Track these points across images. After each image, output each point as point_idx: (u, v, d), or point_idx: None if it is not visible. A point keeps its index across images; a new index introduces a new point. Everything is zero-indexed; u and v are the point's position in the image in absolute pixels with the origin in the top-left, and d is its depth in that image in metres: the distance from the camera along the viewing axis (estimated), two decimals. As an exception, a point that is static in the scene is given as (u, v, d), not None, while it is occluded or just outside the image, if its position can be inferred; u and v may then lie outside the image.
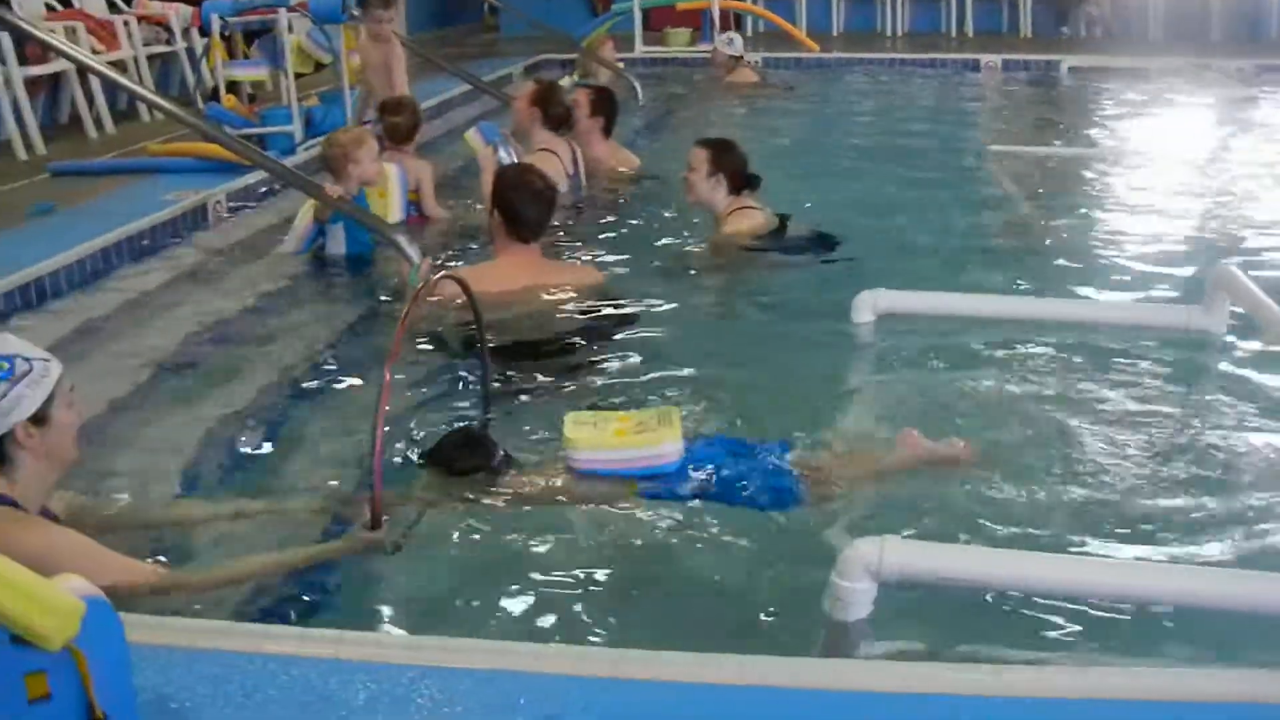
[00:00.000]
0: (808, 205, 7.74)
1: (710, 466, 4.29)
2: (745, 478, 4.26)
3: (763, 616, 3.68)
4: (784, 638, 3.57)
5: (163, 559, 3.88)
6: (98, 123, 11.83)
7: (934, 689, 2.88)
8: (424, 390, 5.38)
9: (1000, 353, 5.67)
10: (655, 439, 4.23)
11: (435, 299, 5.72)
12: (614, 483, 4.24)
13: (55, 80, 11.99)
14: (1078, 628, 3.51)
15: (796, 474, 4.30)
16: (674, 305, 6.44)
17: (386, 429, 3.87)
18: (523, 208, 6.13)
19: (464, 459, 4.36)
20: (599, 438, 4.27)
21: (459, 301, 5.26)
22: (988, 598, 3.61)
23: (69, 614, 2.48)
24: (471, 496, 4.24)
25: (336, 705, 2.82)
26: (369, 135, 7.57)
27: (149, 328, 6.42)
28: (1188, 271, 6.95)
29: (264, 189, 9.10)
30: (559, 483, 4.30)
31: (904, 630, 3.49)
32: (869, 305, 5.84)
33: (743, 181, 7.19)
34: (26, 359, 3.48)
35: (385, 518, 3.81)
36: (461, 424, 4.83)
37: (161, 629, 3.07)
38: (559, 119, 8.75)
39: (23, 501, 3.53)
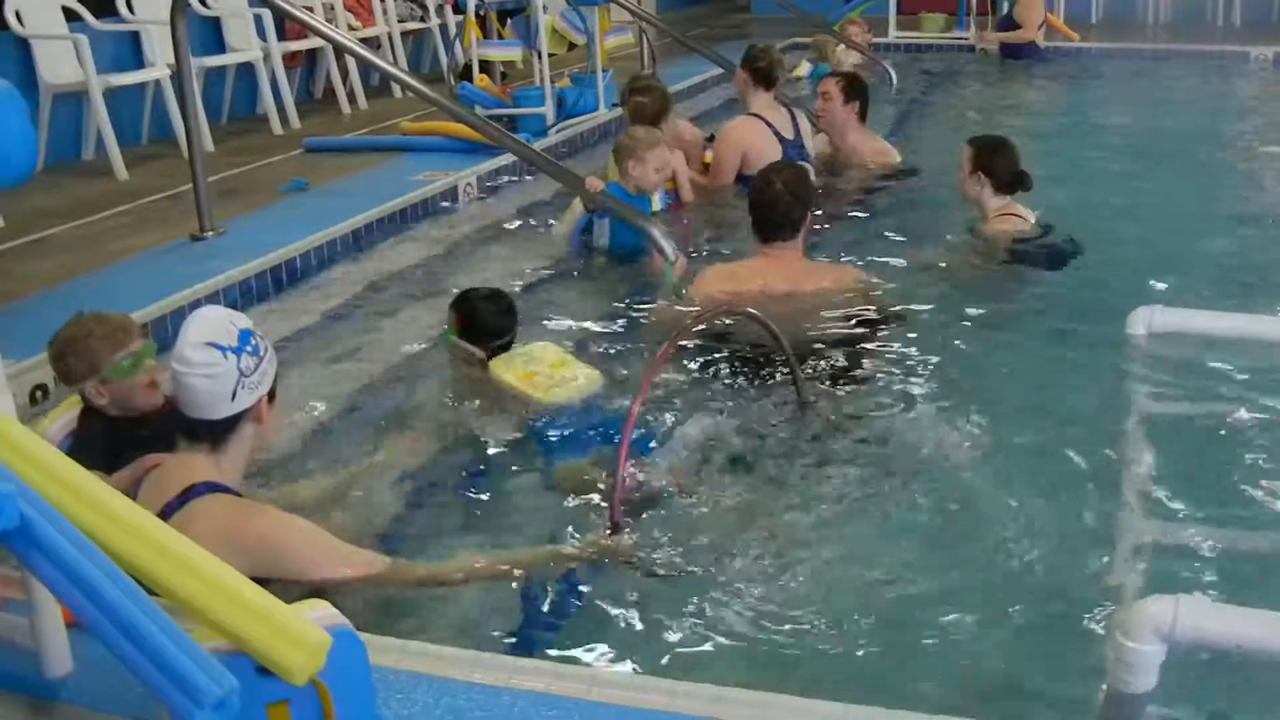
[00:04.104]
0: (1065, 209, 7.30)
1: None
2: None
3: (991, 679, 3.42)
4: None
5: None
6: (351, 98, 12.00)
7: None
8: (675, 399, 5.14)
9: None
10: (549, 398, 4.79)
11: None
12: None
13: (312, 54, 12.22)
14: None
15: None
16: (927, 311, 6.13)
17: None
18: (769, 211, 5.92)
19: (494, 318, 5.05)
20: (511, 374, 4.85)
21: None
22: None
23: (316, 649, 2.42)
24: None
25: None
26: (663, 143, 7.22)
27: (390, 322, 6.34)
28: None
29: (514, 173, 9.03)
30: None
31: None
32: (1144, 323, 5.42)
33: (1011, 182, 6.86)
34: (261, 337, 3.53)
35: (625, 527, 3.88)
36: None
37: (407, 654, 2.94)
38: (763, 72, 8.49)
39: (232, 485, 3.51)
